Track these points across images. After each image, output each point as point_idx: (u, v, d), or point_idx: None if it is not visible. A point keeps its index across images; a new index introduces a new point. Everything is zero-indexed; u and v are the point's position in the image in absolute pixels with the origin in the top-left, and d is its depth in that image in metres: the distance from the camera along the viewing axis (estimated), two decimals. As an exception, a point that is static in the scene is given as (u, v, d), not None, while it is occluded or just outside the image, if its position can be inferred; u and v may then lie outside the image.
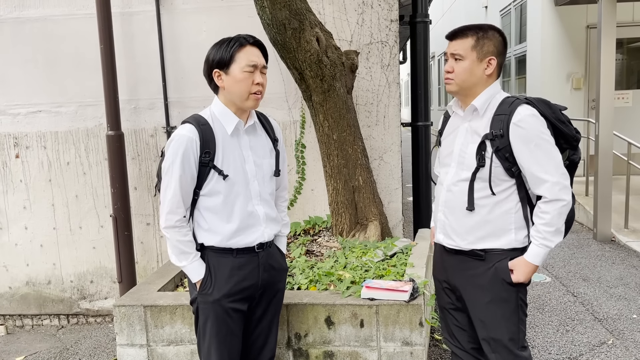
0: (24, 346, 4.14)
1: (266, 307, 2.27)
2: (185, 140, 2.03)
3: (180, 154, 2.03)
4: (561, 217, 1.98)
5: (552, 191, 1.95)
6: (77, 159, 4.39)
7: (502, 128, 1.96)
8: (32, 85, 4.36)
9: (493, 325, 2.08)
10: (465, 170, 2.05)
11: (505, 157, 1.97)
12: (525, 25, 9.29)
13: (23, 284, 4.54)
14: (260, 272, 2.18)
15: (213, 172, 2.07)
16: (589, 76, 8.14)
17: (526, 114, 1.96)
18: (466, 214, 2.06)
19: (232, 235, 2.11)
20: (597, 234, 5.74)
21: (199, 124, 2.07)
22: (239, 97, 2.09)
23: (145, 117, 4.33)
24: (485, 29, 2.03)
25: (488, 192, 2.01)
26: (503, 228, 2.04)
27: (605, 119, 5.61)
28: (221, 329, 2.14)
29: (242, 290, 2.15)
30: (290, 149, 4.22)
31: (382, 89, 4.10)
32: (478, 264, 2.08)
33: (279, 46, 3.37)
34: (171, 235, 2.10)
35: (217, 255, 2.13)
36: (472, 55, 2.00)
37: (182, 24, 4.22)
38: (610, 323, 3.77)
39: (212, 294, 2.12)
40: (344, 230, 3.68)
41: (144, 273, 4.38)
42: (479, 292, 2.09)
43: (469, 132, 2.06)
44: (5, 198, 4.47)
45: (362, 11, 4.06)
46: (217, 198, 2.09)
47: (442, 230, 2.16)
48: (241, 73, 2.05)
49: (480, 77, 2.03)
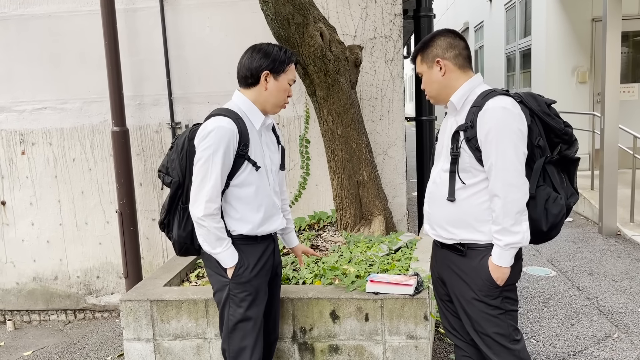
0: (31, 341, 4.18)
1: (274, 290, 2.44)
2: (227, 132, 2.12)
3: (223, 145, 2.11)
4: (507, 216, 1.93)
5: (495, 185, 1.94)
6: (83, 155, 4.41)
7: (472, 119, 1.98)
8: (37, 82, 4.38)
9: (480, 321, 2.08)
10: (446, 162, 2.08)
11: (475, 147, 1.98)
12: (530, 19, 9.24)
13: (30, 280, 4.57)
14: (275, 255, 2.40)
15: (246, 164, 2.19)
16: (594, 70, 8.10)
17: (496, 105, 1.95)
18: (445, 204, 2.08)
19: (260, 224, 2.25)
20: (603, 228, 5.73)
21: (236, 118, 2.17)
22: (273, 103, 2.26)
23: (150, 113, 4.34)
24: (426, 41, 2.13)
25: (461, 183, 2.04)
26: (480, 219, 2.03)
27: (610, 112, 5.58)
28: (259, 308, 2.27)
29: (267, 272, 2.33)
30: (294, 144, 4.22)
31: (386, 84, 4.10)
32: (461, 260, 2.09)
33: (282, 41, 3.37)
34: (208, 223, 2.15)
35: (245, 242, 2.25)
36: (423, 67, 2.13)
37: (186, 20, 4.23)
38: (616, 317, 3.77)
39: (247, 274, 2.23)
40: (348, 225, 3.69)
41: (149, 268, 4.41)
42: (463, 287, 2.09)
43: (453, 126, 2.10)
44: (12, 194, 4.50)
45: (366, 5, 4.05)
46: (249, 188, 2.21)
47: (428, 222, 2.22)
48: (286, 84, 2.25)
49: (440, 80, 2.09)
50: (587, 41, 8.17)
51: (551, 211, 2.01)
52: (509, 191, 1.93)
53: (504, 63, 10.99)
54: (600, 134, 5.74)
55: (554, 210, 2.01)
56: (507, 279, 2.03)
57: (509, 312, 2.08)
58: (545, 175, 2.05)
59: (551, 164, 2.06)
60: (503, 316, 2.07)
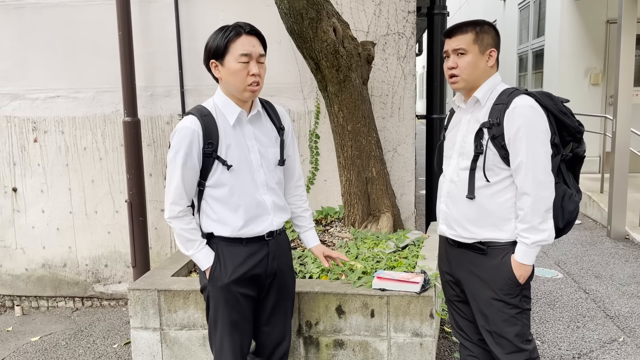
0: (39, 327, 4.23)
1: (278, 297, 2.27)
2: (188, 132, 2.03)
3: (183, 146, 2.03)
4: (536, 214, 1.95)
5: (525, 183, 1.95)
6: (94, 145, 4.45)
7: (498, 116, 1.98)
8: (51, 70, 4.41)
9: (497, 321, 2.08)
10: (466, 160, 2.07)
11: (501, 145, 1.99)
12: (543, 19, 9.17)
13: (39, 266, 4.62)
14: (269, 260, 2.20)
15: (217, 163, 2.07)
16: (608, 72, 8.03)
17: (523, 103, 1.97)
18: (467, 203, 2.07)
19: (242, 225, 2.12)
20: (611, 231, 5.70)
21: (201, 115, 2.07)
22: (235, 89, 2.07)
23: (162, 105, 4.36)
24: (480, 24, 2.07)
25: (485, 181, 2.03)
26: (503, 217, 2.04)
27: (623, 115, 5.55)
28: (232, 315, 2.16)
29: (252, 278, 2.16)
30: (304, 139, 4.23)
31: (398, 81, 4.09)
32: (481, 259, 2.09)
33: (295, 36, 3.37)
34: (175, 224, 2.12)
35: (227, 243, 2.15)
36: (474, 49, 2.03)
37: (200, 12, 4.24)
38: (622, 320, 3.76)
39: (222, 279, 2.13)
40: (356, 221, 3.70)
41: (157, 258, 4.44)
42: (482, 286, 2.09)
43: (471, 123, 2.09)
44: (24, 181, 4.54)
45: (380, 2, 4.04)
46: (223, 189, 2.10)
47: (445, 221, 2.18)
48: (236, 64, 2.01)
49: (484, 69, 2.06)
50: (601, 43, 8.10)
51: (567, 208, 2.05)
52: (539, 189, 1.95)
53: (516, 63, 10.92)
54: (612, 137, 5.70)
55: (569, 207, 2.05)
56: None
57: (525, 310, 2.10)
58: (559, 173, 2.07)
59: (563, 162, 2.08)
60: (520, 315, 2.08)
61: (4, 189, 4.56)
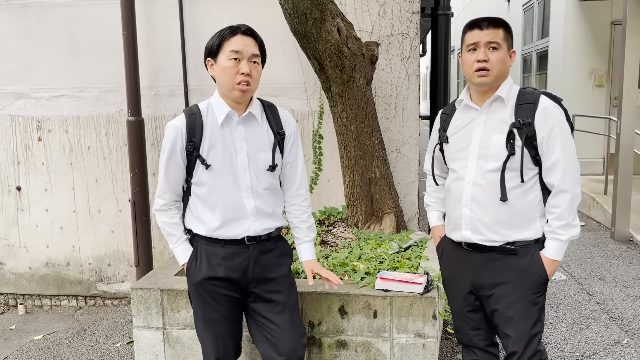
0: (42, 325, 4.24)
1: (271, 307, 2.19)
2: (173, 129, 2.09)
3: (168, 142, 2.09)
4: (572, 210, 2.00)
5: (563, 180, 1.98)
6: (98, 144, 4.45)
7: (529, 116, 1.98)
8: (55, 69, 4.42)
9: (522, 321, 2.07)
10: (492, 161, 2.02)
11: (532, 144, 2.00)
12: (548, 20, 9.15)
13: (42, 265, 4.63)
14: (250, 265, 2.15)
15: (199, 162, 2.10)
16: (612, 73, 8.01)
17: (550, 103, 2.01)
18: (499, 206, 2.03)
19: (218, 226, 2.11)
20: (615, 233, 5.68)
21: (188, 114, 2.11)
22: (225, 87, 2.06)
23: (165, 104, 4.37)
24: (507, 25, 2.05)
25: (517, 182, 2.02)
26: (530, 217, 2.05)
27: (627, 117, 5.53)
28: (206, 312, 2.17)
29: (228, 279, 2.14)
30: (307, 139, 4.23)
31: (402, 82, 4.09)
32: (510, 260, 2.07)
33: (299, 36, 3.37)
34: (158, 217, 2.20)
35: (206, 242, 2.17)
36: (504, 45, 2.00)
37: (204, 12, 4.24)
38: (625, 323, 3.74)
39: (195, 276, 2.15)
40: (359, 222, 3.69)
41: (160, 258, 4.44)
42: (508, 289, 2.07)
43: (491, 123, 2.05)
44: (27, 180, 4.55)
45: (384, 2, 4.04)
46: (203, 188, 2.12)
47: (470, 226, 2.09)
48: (226, 61, 2.02)
49: (508, 68, 2.06)
50: (605, 44, 8.08)
51: None
52: (575, 186, 2.00)
53: (520, 64, 10.90)
54: (616, 139, 5.69)
55: None
56: None
57: (543, 307, 2.12)
58: None
59: None
60: (540, 313, 2.10)
61: (8, 187, 4.58)
